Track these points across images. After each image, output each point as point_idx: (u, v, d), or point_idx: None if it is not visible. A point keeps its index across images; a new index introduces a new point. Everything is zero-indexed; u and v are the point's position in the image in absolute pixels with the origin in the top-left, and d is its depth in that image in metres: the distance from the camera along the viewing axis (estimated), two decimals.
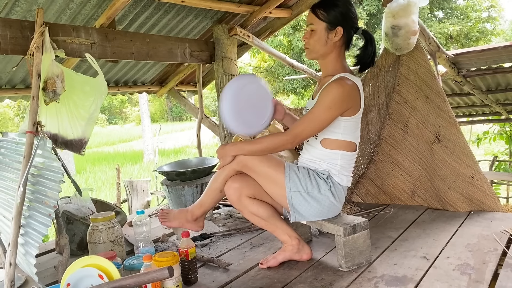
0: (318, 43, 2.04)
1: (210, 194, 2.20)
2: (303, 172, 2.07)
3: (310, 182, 2.05)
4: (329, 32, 2.01)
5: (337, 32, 2.01)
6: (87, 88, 2.47)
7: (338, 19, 2.01)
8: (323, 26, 2.01)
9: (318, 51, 2.06)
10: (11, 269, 1.90)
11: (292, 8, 3.79)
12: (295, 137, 1.99)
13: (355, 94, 2.01)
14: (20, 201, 1.96)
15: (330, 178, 2.08)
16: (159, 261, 1.86)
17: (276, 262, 2.16)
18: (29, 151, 2.06)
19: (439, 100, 2.82)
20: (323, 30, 2.02)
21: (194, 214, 2.22)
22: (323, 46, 2.04)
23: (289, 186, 2.03)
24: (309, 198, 2.05)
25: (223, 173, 2.14)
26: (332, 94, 1.94)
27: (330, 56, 2.07)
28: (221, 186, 2.16)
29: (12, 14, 2.55)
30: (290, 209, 2.07)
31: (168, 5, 3.13)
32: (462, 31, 16.85)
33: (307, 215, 2.09)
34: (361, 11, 16.67)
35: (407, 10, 2.72)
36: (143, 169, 14.34)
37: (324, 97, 1.95)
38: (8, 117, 29.13)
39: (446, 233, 2.41)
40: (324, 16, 2.01)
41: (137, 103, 27.82)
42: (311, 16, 2.05)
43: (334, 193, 2.07)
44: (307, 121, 1.98)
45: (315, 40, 2.04)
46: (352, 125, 2.06)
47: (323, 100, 1.95)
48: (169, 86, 4.38)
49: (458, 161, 2.74)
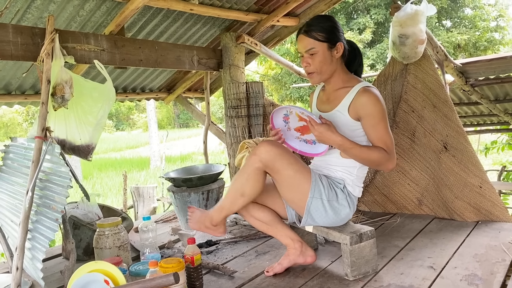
0: (325, 64, 2.03)
1: (231, 197, 2.09)
2: (325, 180, 2.06)
3: (331, 191, 2.04)
4: (331, 50, 2.02)
5: (338, 48, 2.03)
6: (96, 94, 2.49)
7: (336, 35, 2.03)
8: (325, 47, 2.00)
9: (326, 71, 2.05)
10: (18, 273, 1.91)
11: (299, 17, 3.81)
12: (393, 155, 2.00)
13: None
14: (28, 205, 1.97)
15: (345, 187, 2.08)
16: (164, 267, 1.87)
17: (281, 268, 2.16)
18: (38, 156, 2.08)
19: (447, 109, 2.81)
20: (326, 50, 2.01)
21: (213, 220, 2.11)
22: (330, 66, 2.04)
23: (313, 192, 2.01)
24: (328, 206, 2.04)
25: (245, 173, 2.02)
26: (379, 105, 1.97)
27: (337, 72, 2.08)
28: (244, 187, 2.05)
29: (24, 21, 2.58)
30: (305, 213, 2.05)
31: (176, 13, 3.15)
32: (470, 41, 16.81)
33: (320, 222, 2.09)
34: (368, 19, 16.71)
35: (415, 19, 2.73)
36: (150, 175, 14.37)
37: (377, 109, 1.97)
38: (16, 122, 29.41)
39: (454, 243, 2.39)
40: (323, 37, 1.99)
41: (144, 110, 27.97)
42: (307, 41, 2.01)
43: (349, 203, 2.08)
44: (388, 133, 1.99)
45: (320, 62, 2.02)
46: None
47: (379, 113, 1.97)
48: (176, 93, 4.41)
49: (465, 171, 2.72)
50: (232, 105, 3.61)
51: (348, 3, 17.12)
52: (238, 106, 3.60)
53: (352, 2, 17.31)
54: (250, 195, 2.03)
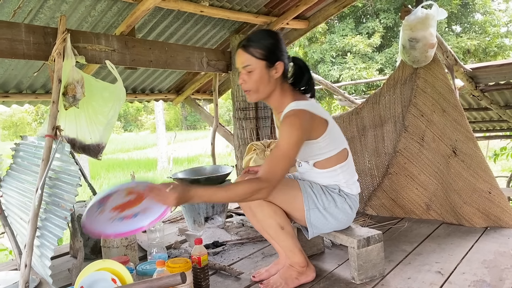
0: (262, 83, 1.89)
1: (279, 236, 2.01)
2: (317, 188, 2.02)
3: (326, 197, 2.00)
4: (269, 70, 1.88)
5: (277, 68, 1.89)
6: (106, 94, 2.51)
7: (275, 54, 1.88)
8: (263, 65, 1.87)
9: (263, 91, 1.92)
10: (26, 270, 1.93)
11: (309, 20, 3.82)
12: (273, 180, 1.76)
13: (309, 118, 1.88)
14: (37, 203, 1.99)
15: (341, 191, 2.04)
16: (171, 267, 1.87)
17: (268, 275, 2.13)
18: (48, 154, 2.10)
19: (456, 113, 2.80)
20: (263, 68, 1.87)
21: (298, 263, 2.04)
22: (267, 86, 1.90)
23: (307, 204, 1.97)
24: (327, 214, 2.00)
25: (262, 213, 1.97)
26: (290, 128, 1.82)
27: (276, 92, 1.95)
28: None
29: (36, 21, 2.61)
30: (308, 226, 2.02)
31: (187, 15, 3.17)
32: (480, 46, 16.69)
33: (326, 229, 2.07)
34: (377, 24, 16.66)
35: (425, 23, 2.72)
36: (157, 176, 14.41)
37: (286, 135, 1.81)
38: (26, 122, 29.66)
39: (462, 248, 2.38)
40: (261, 54, 1.86)
41: (152, 111, 28.10)
42: (244, 57, 1.88)
43: (350, 205, 2.05)
44: (281, 160, 1.79)
45: (256, 81, 1.89)
46: (331, 139, 1.97)
47: (286, 138, 1.80)
48: (185, 95, 4.43)
49: (474, 176, 2.70)
50: (241, 107, 3.62)
51: (357, 7, 17.09)
52: (247, 108, 3.60)
53: (361, 6, 17.28)
54: (285, 221, 1.99)
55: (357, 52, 15.94)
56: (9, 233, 2.34)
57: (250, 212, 2.09)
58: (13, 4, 2.41)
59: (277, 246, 2.12)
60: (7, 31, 2.25)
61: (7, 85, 3.16)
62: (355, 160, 3.30)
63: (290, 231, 2.02)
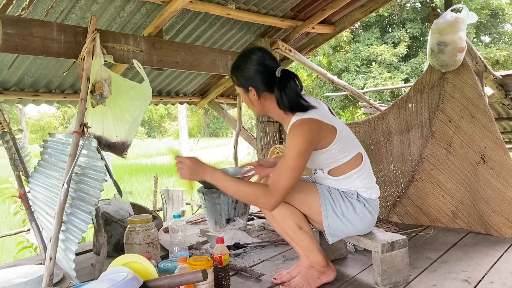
0: (248, 105, 2.06)
1: (296, 237, 2.01)
2: (335, 193, 1.99)
3: (344, 203, 1.98)
4: (247, 94, 1.99)
5: (252, 92, 1.96)
6: (133, 93, 2.54)
7: (247, 81, 1.96)
8: (241, 90, 2.02)
9: (254, 110, 2.07)
10: (51, 263, 1.96)
11: (335, 25, 3.81)
12: (276, 193, 1.81)
13: (317, 126, 1.88)
14: (63, 198, 2.02)
15: (360, 196, 2.01)
16: (193, 265, 1.87)
17: (290, 277, 2.12)
18: (75, 150, 2.13)
19: (486, 119, 2.73)
20: (243, 94, 2.02)
21: (318, 263, 2.03)
22: (252, 107, 2.03)
23: (325, 209, 1.96)
24: (345, 220, 1.98)
25: (281, 215, 1.98)
26: (296, 141, 1.83)
27: (268, 109, 2.01)
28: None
29: (68, 21, 2.68)
30: (326, 232, 2.00)
31: (213, 18, 3.20)
32: (509, 57, 16.30)
33: (345, 234, 2.04)
34: (403, 33, 16.50)
35: (455, 27, 2.67)
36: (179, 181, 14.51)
37: (291, 146, 1.83)
38: (53, 126, 30.40)
39: (490, 257, 2.30)
40: (236, 82, 2.02)
41: (176, 118, 28.43)
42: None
43: (370, 210, 2.02)
44: (286, 172, 1.82)
45: (245, 102, 2.07)
46: (342, 145, 1.95)
47: (291, 150, 1.83)
48: (209, 98, 4.46)
49: (504, 184, 2.62)
50: None
51: (383, 16, 16.97)
52: None
53: (387, 16, 17.16)
54: (303, 220, 2.00)
55: (382, 62, 15.80)
56: (35, 228, 2.39)
57: (269, 214, 2.08)
58: (46, 3, 2.48)
59: (298, 249, 2.09)
60: (40, 29, 2.31)
61: (38, 84, 3.25)
62: (380, 166, 3.25)
63: (308, 231, 2.01)
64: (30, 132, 30.88)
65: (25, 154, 2.57)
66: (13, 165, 2.46)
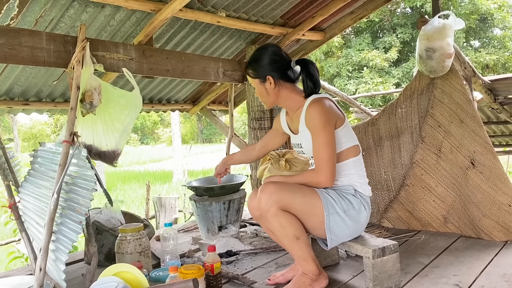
0: (263, 96, 2.20)
1: (293, 247, 2.03)
2: (333, 192, 2.04)
3: (343, 200, 2.02)
4: (264, 84, 2.15)
5: (269, 81, 2.13)
6: (123, 102, 2.54)
7: (265, 70, 2.13)
8: (257, 82, 2.17)
9: (268, 101, 2.20)
10: (41, 274, 1.94)
11: (325, 31, 3.83)
12: (325, 167, 1.97)
13: (333, 105, 2.09)
14: (53, 207, 2.01)
15: (356, 192, 2.07)
16: (184, 273, 1.87)
17: (284, 279, 2.18)
18: (65, 159, 2.12)
19: (474, 124, 2.75)
20: (259, 84, 2.17)
21: (311, 272, 2.04)
22: (267, 96, 2.18)
23: (327, 209, 1.98)
24: (346, 217, 2.02)
25: (277, 223, 1.99)
26: (318, 116, 1.99)
27: (282, 97, 2.18)
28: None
29: (57, 30, 2.67)
30: (327, 233, 2.01)
31: (204, 25, 3.21)
32: (499, 61, 16.51)
33: (344, 237, 2.06)
34: (394, 38, 16.65)
35: (442, 33, 2.70)
36: (172, 188, 14.47)
37: (315, 122, 2.00)
38: (45, 134, 30.24)
39: (481, 261, 2.32)
40: (253, 74, 2.17)
41: (169, 125, 28.35)
42: (248, 77, 2.23)
43: (365, 206, 2.08)
44: (323, 147, 1.98)
45: (259, 94, 2.20)
46: (347, 131, 2.10)
47: (316, 126, 2.00)
48: (201, 105, 4.46)
49: (494, 188, 2.64)
50: (256, 117, 3.62)
51: (374, 22, 17.12)
52: (262, 118, 3.61)
53: (378, 21, 17.30)
54: (301, 231, 2.00)
55: (373, 67, 15.92)
56: (25, 238, 2.37)
57: (265, 223, 2.10)
58: (35, 13, 2.48)
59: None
60: (29, 39, 2.30)
61: (28, 93, 3.23)
62: (371, 172, 3.26)
63: (305, 241, 2.02)
64: (22, 140, 30.66)
65: (15, 163, 2.55)
66: (2, 175, 2.44)
